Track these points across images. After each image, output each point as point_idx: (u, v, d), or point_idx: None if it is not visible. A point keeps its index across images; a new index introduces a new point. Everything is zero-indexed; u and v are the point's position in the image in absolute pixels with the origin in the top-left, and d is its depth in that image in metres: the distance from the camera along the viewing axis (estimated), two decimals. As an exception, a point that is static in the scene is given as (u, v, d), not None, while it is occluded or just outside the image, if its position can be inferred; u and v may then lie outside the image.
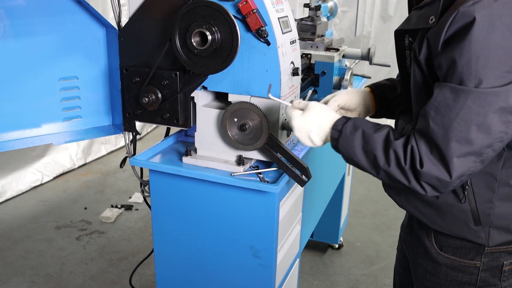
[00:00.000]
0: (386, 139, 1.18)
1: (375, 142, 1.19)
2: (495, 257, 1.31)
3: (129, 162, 1.71)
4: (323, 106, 1.32)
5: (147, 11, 1.59)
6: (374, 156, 1.19)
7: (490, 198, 1.25)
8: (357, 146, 1.21)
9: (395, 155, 1.16)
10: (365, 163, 1.21)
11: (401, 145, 1.16)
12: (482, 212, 1.26)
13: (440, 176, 1.11)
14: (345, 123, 1.25)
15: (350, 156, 1.24)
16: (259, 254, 1.62)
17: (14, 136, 1.68)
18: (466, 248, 1.32)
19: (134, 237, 3.38)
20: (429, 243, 1.38)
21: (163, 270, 1.81)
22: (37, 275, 2.94)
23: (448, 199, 1.28)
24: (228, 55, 1.44)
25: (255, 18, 1.41)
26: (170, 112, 1.63)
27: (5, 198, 3.81)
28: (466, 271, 1.34)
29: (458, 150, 1.08)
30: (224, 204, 1.60)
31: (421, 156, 1.12)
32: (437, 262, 1.37)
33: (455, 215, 1.29)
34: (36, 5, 1.61)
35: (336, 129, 1.25)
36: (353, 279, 3.01)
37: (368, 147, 1.20)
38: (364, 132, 1.21)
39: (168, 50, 1.54)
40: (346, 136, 1.23)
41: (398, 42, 1.32)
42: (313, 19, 2.27)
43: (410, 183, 1.16)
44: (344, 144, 1.24)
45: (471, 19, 1.03)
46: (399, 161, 1.15)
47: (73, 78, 1.75)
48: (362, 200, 3.97)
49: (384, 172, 1.19)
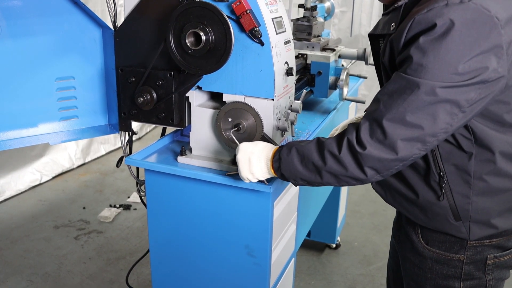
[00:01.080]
0: (317, 144, 1.27)
1: (309, 151, 1.27)
2: (479, 251, 1.34)
3: (124, 161, 1.72)
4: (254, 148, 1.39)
5: (142, 12, 1.60)
6: (312, 164, 1.26)
7: (467, 193, 1.28)
8: (297, 163, 1.29)
9: (328, 151, 1.23)
10: (308, 174, 1.29)
11: (334, 140, 1.24)
12: (461, 208, 1.30)
13: (384, 156, 1.16)
14: (280, 150, 1.34)
15: (294, 175, 1.32)
16: (254, 253, 1.63)
17: (11, 136, 1.69)
18: (450, 242, 1.36)
19: (132, 237, 3.40)
20: (416, 238, 1.42)
21: (159, 269, 1.82)
22: (35, 274, 2.95)
23: (427, 197, 1.32)
24: (222, 56, 1.45)
25: (249, 18, 1.42)
26: (165, 112, 1.64)
27: (4, 198, 3.83)
28: (450, 265, 1.37)
29: (403, 133, 1.14)
30: (218, 203, 1.61)
31: (362, 140, 1.17)
32: (423, 256, 1.41)
33: (435, 211, 1.33)
34: (33, 5, 1.62)
35: (275, 159, 1.34)
36: (350, 279, 3.02)
37: (304, 159, 1.28)
38: (297, 149, 1.30)
39: (163, 51, 1.55)
40: (285, 159, 1.32)
41: (373, 45, 1.38)
42: (309, 19, 2.28)
43: (348, 171, 1.21)
44: (286, 168, 1.32)
45: (427, 26, 1.11)
46: (333, 154, 1.22)
47: (70, 78, 1.76)
48: (361, 200, 3.98)
49: (325, 172, 1.25)
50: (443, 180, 1.27)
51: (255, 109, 1.51)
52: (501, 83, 1.13)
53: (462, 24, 1.08)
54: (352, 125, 1.23)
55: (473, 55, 1.08)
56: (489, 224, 1.31)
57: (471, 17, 1.08)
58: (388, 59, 1.25)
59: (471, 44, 1.08)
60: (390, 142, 1.15)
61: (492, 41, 1.08)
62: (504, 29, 1.09)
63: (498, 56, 1.09)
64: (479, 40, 1.08)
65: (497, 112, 1.22)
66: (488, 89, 1.12)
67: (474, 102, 1.12)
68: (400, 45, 1.17)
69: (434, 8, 1.10)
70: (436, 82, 1.09)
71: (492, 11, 1.08)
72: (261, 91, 1.50)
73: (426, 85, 1.10)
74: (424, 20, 1.11)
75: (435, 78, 1.09)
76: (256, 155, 1.37)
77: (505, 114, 1.23)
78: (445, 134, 1.16)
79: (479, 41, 1.08)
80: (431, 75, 1.10)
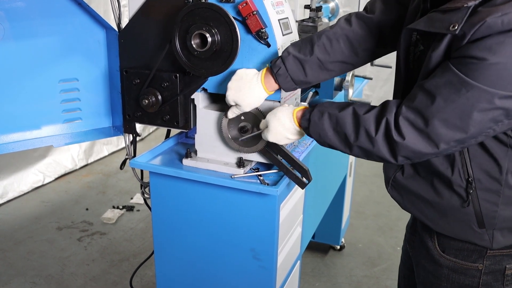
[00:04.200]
0: (353, 116, 1.24)
1: (343, 121, 1.25)
2: (498, 261, 1.31)
3: (129, 164, 1.71)
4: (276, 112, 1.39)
5: (147, 13, 1.58)
6: (344, 134, 1.25)
7: (495, 201, 1.25)
8: (328, 129, 1.28)
9: (364, 129, 1.21)
10: (338, 143, 1.28)
11: (372, 117, 1.21)
12: (486, 215, 1.26)
13: (421, 150, 1.15)
14: (311, 112, 1.32)
15: (323, 139, 1.31)
16: (260, 256, 1.62)
17: (14, 138, 1.68)
18: (469, 251, 1.32)
19: (135, 238, 3.38)
20: (431, 245, 1.38)
21: (164, 272, 1.81)
22: (38, 276, 2.94)
23: (452, 202, 1.29)
24: (228, 57, 1.44)
25: (255, 20, 1.40)
26: (170, 114, 1.62)
27: (7, 199, 3.82)
28: (468, 274, 1.33)
29: (447, 134, 1.12)
30: (224, 206, 1.60)
31: (401, 129, 1.16)
32: (439, 264, 1.37)
33: (458, 217, 1.29)
34: (36, 7, 1.61)
35: (305, 118, 1.33)
36: (354, 281, 3.00)
37: (338, 127, 1.26)
38: (330, 114, 1.28)
39: (168, 52, 1.54)
40: (315, 123, 1.30)
41: (405, 37, 1.31)
42: (314, 20, 2.26)
43: (380, 152, 1.20)
44: (315, 130, 1.31)
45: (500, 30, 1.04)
46: (369, 134, 1.20)
47: (73, 80, 1.74)
48: (365, 201, 3.96)
49: (356, 147, 1.24)
50: (471, 186, 1.24)
51: (261, 111, 1.49)
52: None
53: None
54: (394, 103, 1.20)
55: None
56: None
57: None
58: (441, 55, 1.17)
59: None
60: (432, 139, 1.13)
61: None
62: None
63: None
64: None
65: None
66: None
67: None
68: (461, 45, 1.11)
69: (511, 13, 1.04)
70: (495, 90, 1.05)
71: None
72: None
73: (482, 91, 1.06)
74: (497, 25, 1.05)
75: (493, 85, 1.05)
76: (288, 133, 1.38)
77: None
78: (485, 137, 1.14)
79: None
80: (489, 81, 1.05)
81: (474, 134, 1.12)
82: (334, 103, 1.32)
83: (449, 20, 1.13)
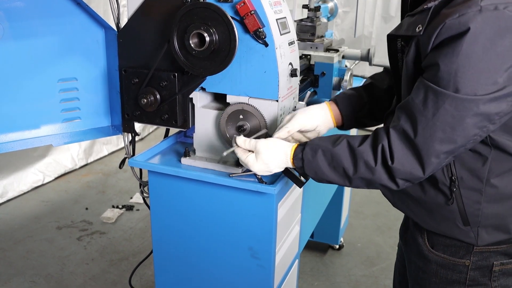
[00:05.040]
0: (349, 149, 1.24)
1: (338, 156, 1.24)
2: (485, 257, 1.33)
3: (128, 163, 1.72)
4: (270, 143, 1.36)
5: (145, 13, 1.59)
6: (342, 169, 1.24)
7: (478, 199, 1.27)
8: (324, 166, 1.27)
9: (364, 161, 1.21)
10: (336, 178, 1.27)
11: (369, 147, 1.21)
12: (470, 213, 1.28)
13: (413, 172, 1.17)
14: (303, 150, 1.30)
15: (320, 177, 1.30)
16: (258, 255, 1.62)
17: (13, 138, 1.68)
18: (456, 247, 1.34)
19: (135, 238, 3.39)
20: (421, 241, 1.40)
21: (162, 271, 1.81)
22: (38, 275, 2.95)
23: (438, 200, 1.31)
24: (226, 57, 1.44)
25: (253, 19, 1.41)
26: (168, 113, 1.63)
27: (7, 198, 3.83)
28: (455, 270, 1.36)
29: (434, 149, 1.13)
30: (222, 205, 1.61)
31: (393, 152, 1.17)
32: (428, 259, 1.39)
33: (444, 215, 1.31)
34: (35, 6, 1.61)
35: (297, 158, 1.31)
36: (353, 280, 3.00)
37: (334, 162, 1.25)
38: (324, 151, 1.27)
39: (167, 52, 1.54)
40: (309, 161, 1.29)
41: (391, 45, 1.35)
42: (313, 20, 2.27)
43: (381, 180, 1.21)
44: (310, 169, 1.30)
45: (458, 32, 1.07)
46: (368, 165, 1.20)
47: (72, 80, 1.75)
48: (364, 201, 3.97)
49: (357, 179, 1.24)
50: (454, 184, 1.26)
51: (260, 110, 1.50)
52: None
53: (495, 32, 1.04)
54: (383, 130, 1.21)
55: (505, 66, 1.05)
56: (498, 230, 1.29)
57: (505, 26, 1.04)
58: (412, 60, 1.21)
59: (503, 54, 1.04)
60: (421, 156, 1.15)
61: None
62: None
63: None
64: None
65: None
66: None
67: (505, 114, 1.11)
68: (427, 49, 1.13)
69: (467, 13, 1.05)
70: (465, 95, 1.07)
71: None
72: (265, 92, 1.49)
73: (456, 98, 1.08)
74: (455, 25, 1.07)
75: (465, 90, 1.07)
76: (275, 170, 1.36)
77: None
78: (472, 144, 1.16)
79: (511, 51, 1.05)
80: (461, 86, 1.07)
81: (462, 143, 1.13)
82: (323, 138, 1.32)
83: (416, 23, 1.18)
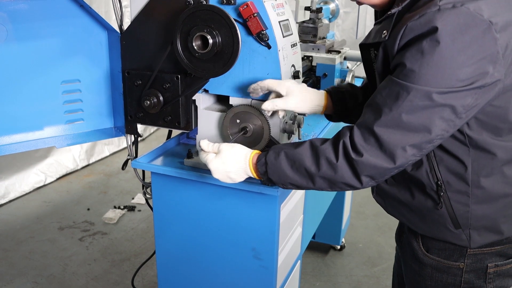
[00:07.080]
0: (311, 149, 1.24)
1: (300, 156, 1.24)
2: (479, 259, 1.33)
3: (131, 164, 1.72)
4: (233, 145, 1.36)
5: (148, 15, 1.60)
6: (304, 169, 1.24)
7: (466, 202, 1.27)
8: (286, 168, 1.26)
9: (325, 158, 1.21)
10: (299, 179, 1.26)
11: (330, 145, 1.21)
12: (460, 216, 1.28)
13: (381, 165, 1.16)
14: (266, 154, 1.30)
15: (283, 180, 1.29)
16: (261, 256, 1.63)
17: (17, 139, 1.69)
18: (450, 250, 1.34)
19: (136, 238, 3.40)
20: (416, 245, 1.40)
21: (165, 272, 1.82)
22: (40, 276, 2.95)
23: (427, 205, 1.31)
24: (229, 59, 1.45)
25: (256, 21, 1.41)
26: (171, 115, 1.64)
27: (9, 199, 3.84)
28: (450, 273, 1.36)
29: (398, 139, 1.13)
30: (225, 206, 1.61)
31: (357, 147, 1.17)
32: (423, 263, 1.40)
33: (435, 219, 1.32)
34: (39, 9, 1.61)
35: (261, 163, 1.30)
36: (355, 280, 3.01)
37: (295, 164, 1.25)
38: (287, 153, 1.27)
39: (170, 54, 1.55)
40: (273, 164, 1.28)
41: (364, 54, 1.37)
42: (315, 21, 2.28)
43: (343, 178, 1.20)
44: (274, 172, 1.28)
45: (420, 32, 1.10)
46: (330, 161, 1.20)
47: (75, 81, 1.75)
48: (365, 201, 3.97)
49: (319, 178, 1.23)
50: (441, 189, 1.26)
51: (262, 112, 1.50)
52: (497, 87, 1.12)
53: (455, 29, 1.06)
54: (346, 127, 1.22)
55: (468, 60, 1.07)
56: (490, 231, 1.29)
57: (464, 22, 1.06)
58: (381, 66, 1.24)
59: (465, 49, 1.06)
60: (387, 149, 1.14)
61: (487, 46, 1.07)
62: (500, 33, 1.08)
63: (494, 60, 1.08)
64: (473, 45, 1.07)
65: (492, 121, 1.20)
66: (484, 94, 1.11)
67: (470, 107, 1.12)
68: (394, 52, 1.16)
69: (426, 13, 1.09)
70: (431, 88, 1.08)
71: (486, 15, 1.07)
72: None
73: (421, 90, 1.09)
74: (417, 27, 1.10)
75: (429, 83, 1.08)
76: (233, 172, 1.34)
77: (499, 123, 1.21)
78: (441, 140, 1.15)
79: (473, 46, 1.07)
80: (425, 80, 1.09)
81: (428, 138, 1.13)
82: (287, 143, 1.32)
83: (382, 29, 1.22)
